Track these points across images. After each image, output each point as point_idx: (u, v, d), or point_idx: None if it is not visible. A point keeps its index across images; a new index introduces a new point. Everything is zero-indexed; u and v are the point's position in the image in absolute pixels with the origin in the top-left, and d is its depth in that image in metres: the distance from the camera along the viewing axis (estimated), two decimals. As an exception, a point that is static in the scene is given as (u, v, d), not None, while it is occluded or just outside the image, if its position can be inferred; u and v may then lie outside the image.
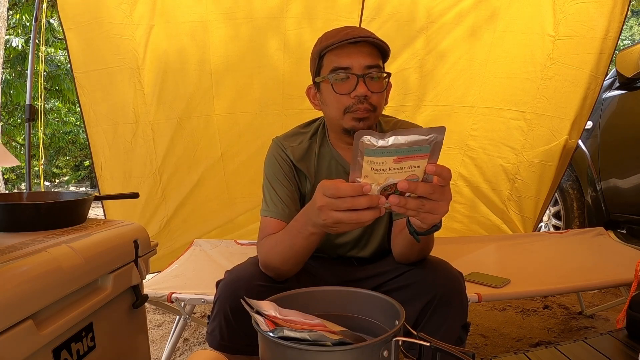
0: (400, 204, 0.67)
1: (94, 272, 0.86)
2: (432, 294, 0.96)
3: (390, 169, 0.65)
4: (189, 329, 2.02)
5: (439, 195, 0.68)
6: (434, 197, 0.68)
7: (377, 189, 0.67)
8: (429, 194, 0.67)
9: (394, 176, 0.66)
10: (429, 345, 0.63)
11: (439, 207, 0.69)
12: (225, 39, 2.16)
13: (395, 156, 0.64)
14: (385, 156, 0.64)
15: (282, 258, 0.95)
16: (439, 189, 0.68)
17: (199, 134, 2.27)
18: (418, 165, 0.66)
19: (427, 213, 0.69)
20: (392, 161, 0.64)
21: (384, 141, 0.63)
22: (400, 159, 0.64)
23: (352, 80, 1.00)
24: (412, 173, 0.66)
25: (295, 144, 1.14)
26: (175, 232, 2.34)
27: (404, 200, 0.67)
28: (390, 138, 0.63)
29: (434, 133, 0.63)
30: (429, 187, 0.67)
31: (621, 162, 2.79)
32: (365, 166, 0.65)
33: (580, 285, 1.65)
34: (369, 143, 0.63)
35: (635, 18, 12.32)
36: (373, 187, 0.67)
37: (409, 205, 0.68)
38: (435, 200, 0.68)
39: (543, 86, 2.34)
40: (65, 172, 12.64)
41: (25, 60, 6.96)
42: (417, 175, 0.66)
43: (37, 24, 2.09)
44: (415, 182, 0.66)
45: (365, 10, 2.19)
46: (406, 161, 0.64)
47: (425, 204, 0.68)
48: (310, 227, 0.82)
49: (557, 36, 2.26)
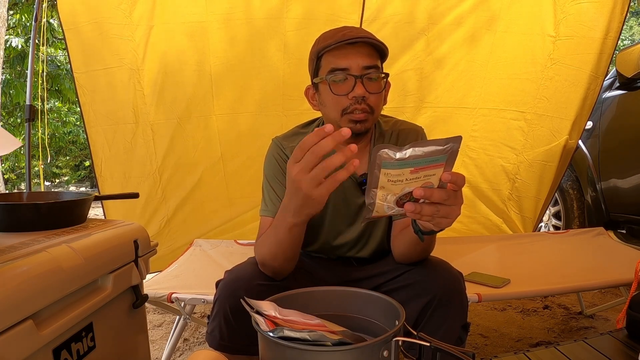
0: (416, 211, 0.68)
1: (94, 272, 0.86)
2: (432, 294, 0.95)
3: (407, 179, 0.65)
4: (189, 329, 2.02)
5: (453, 200, 0.69)
6: (449, 203, 0.69)
7: (393, 199, 0.67)
8: (444, 200, 0.68)
9: (410, 185, 0.66)
10: (429, 345, 0.62)
11: (452, 212, 0.70)
12: (225, 39, 2.16)
13: (412, 167, 0.64)
14: (402, 168, 0.64)
15: (272, 254, 0.95)
16: (453, 194, 0.69)
17: (198, 134, 2.27)
18: (434, 174, 0.66)
19: (442, 218, 0.70)
20: (409, 172, 0.65)
21: (401, 154, 0.63)
22: (417, 170, 0.64)
23: (350, 81, 1.00)
24: (428, 181, 0.67)
25: (294, 144, 1.14)
26: (175, 232, 2.34)
27: (419, 206, 0.68)
28: (408, 150, 0.63)
29: (450, 142, 0.63)
30: (444, 193, 0.67)
31: (621, 162, 2.79)
32: (382, 178, 0.65)
33: (580, 285, 1.65)
34: (387, 157, 0.63)
35: (635, 18, 12.32)
36: (389, 197, 0.67)
37: (425, 211, 0.68)
38: (450, 205, 0.69)
39: (543, 86, 2.34)
40: (65, 172, 12.63)
41: (25, 60, 6.95)
42: (432, 183, 0.67)
43: (37, 24, 2.09)
44: (431, 189, 0.66)
45: (365, 12, 2.19)
46: (422, 171, 0.65)
47: (440, 210, 0.69)
48: (289, 217, 0.82)
49: (557, 36, 2.26)
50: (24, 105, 6.44)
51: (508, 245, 2.16)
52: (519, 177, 2.48)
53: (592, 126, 2.91)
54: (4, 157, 9.01)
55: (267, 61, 2.21)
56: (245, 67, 2.21)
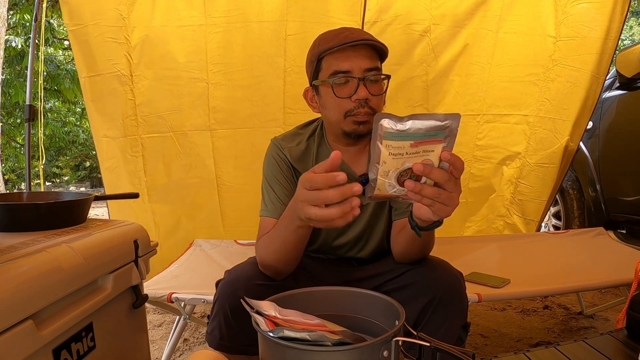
0: (416, 189, 0.67)
1: (94, 272, 0.86)
2: (432, 294, 0.95)
3: (407, 153, 0.66)
4: (189, 329, 2.02)
5: (452, 186, 0.68)
6: (449, 188, 0.68)
7: (394, 175, 0.67)
8: (445, 181, 0.67)
9: (410, 160, 0.66)
10: (429, 345, 0.62)
11: (452, 200, 0.69)
12: (223, 44, 2.09)
13: (412, 141, 0.64)
14: (403, 140, 0.64)
15: (275, 255, 0.95)
16: (453, 180, 0.68)
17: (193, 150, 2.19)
18: (432, 150, 0.66)
19: (442, 204, 0.69)
20: (409, 145, 0.65)
21: (402, 125, 0.64)
22: (417, 143, 0.65)
23: (353, 84, 1.00)
24: (427, 158, 0.67)
25: (293, 145, 1.14)
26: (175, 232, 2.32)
27: (420, 186, 0.67)
28: (409, 122, 0.63)
29: (449, 119, 0.64)
30: (445, 174, 0.67)
31: (621, 162, 2.79)
32: (383, 151, 0.65)
33: (580, 285, 1.65)
34: (388, 127, 0.64)
35: (635, 18, 12.31)
36: (390, 173, 0.67)
37: (425, 192, 0.68)
38: (450, 191, 0.69)
39: (546, 88, 2.33)
40: (65, 172, 12.64)
41: (24, 60, 6.95)
42: (431, 160, 0.67)
43: (37, 23, 2.07)
44: (430, 167, 0.66)
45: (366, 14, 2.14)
46: (422, 145, 0.65)
47: (441, 194, 0.68)
48: (296, 220, 0.82)
49: (558, 37, 2.25)
50: (23, 105, 6.44)
51: (508, 245, 2.16)
52: (522, 180, 2.47)
53: (593, 126, 2.91)
54: (4, 157, 9.02)
55: (267, 69, 2.14)
56: (244, 76, 2.14)
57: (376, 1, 2.16)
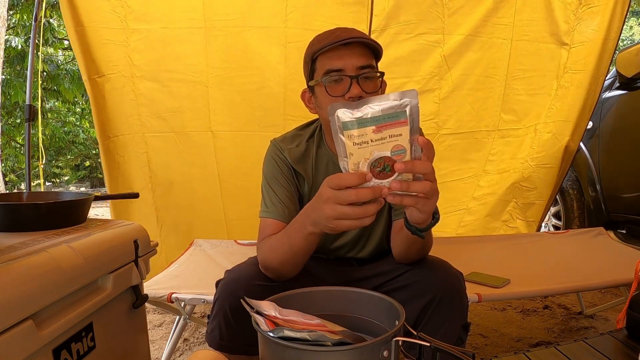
0: (403, 188, 0.67)
1: (94, 272, 0.86)
2: (432, 294, 0.95)
3: (372, 140, 0.64)
4: (189, 329, 2.02)
5: (433, 176, 0.69)
6: (431, 178, 0.68)
7: (366, 164, 0.66)
8: (430, 172, 0.67)
9: (379, 148, 0.65)
10: (429, 345, 0.62)
11: (435, 191, 0.70)
12: (223, 48, 2.08)
13: (373, 126, 0.63)
14: (363, 127, 0.63)
15: (282, 258, 0.95)
16: (432, 168, 0.68)
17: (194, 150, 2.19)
18: (400, 134, 0.65)
19: (425, 199, 0.69)
20: (372, 132, 0.64)
21: (358, 111, 0.63)
22: (380, 127, 0.63)
23: (346, 82, 0.99)
24: (397, 144, 0.65)
25: (292, 146, 1.14)
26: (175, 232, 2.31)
27: (407, 184, 0.67)
28: (364, 107, 0.63)
29: (406, 97, 0.63)
30: (429, 165, 0.67)
31: (621, 162, 2.79)
32: (347, 142, 0.65)
33: (580, 285, 1.65)
34: (344, 116, 0.63)
35: (635, 18, 12.30)
36: (361, 164, 0.66)
37: (414, 188, 0.67)
38: (432, 181, 0.69)
39: (556, 97, 2.32)
40: (65, 172, 12.63)
41: (24, 60, 6.94)
42: (402, 146, 0.65)
43: (36, 23, 2.07)
44: (412, 162, 0.66)
45: (373, 22, 2.10)
46: (386, 130, 0.64)
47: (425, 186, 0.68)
48: (309, 226, 0.81)
49: (571, 44, 2.23)
50: (23, 105, 6.44)
51: (508, 245, 2.16)
52: (524, 184, 2.47)
53: (593, 126, 2.91)
54: (4, 157, 9.01)
55: (268, 74, 2.12)
56: (244, 81, 2.13)
57: (383, 7, 2.09)
